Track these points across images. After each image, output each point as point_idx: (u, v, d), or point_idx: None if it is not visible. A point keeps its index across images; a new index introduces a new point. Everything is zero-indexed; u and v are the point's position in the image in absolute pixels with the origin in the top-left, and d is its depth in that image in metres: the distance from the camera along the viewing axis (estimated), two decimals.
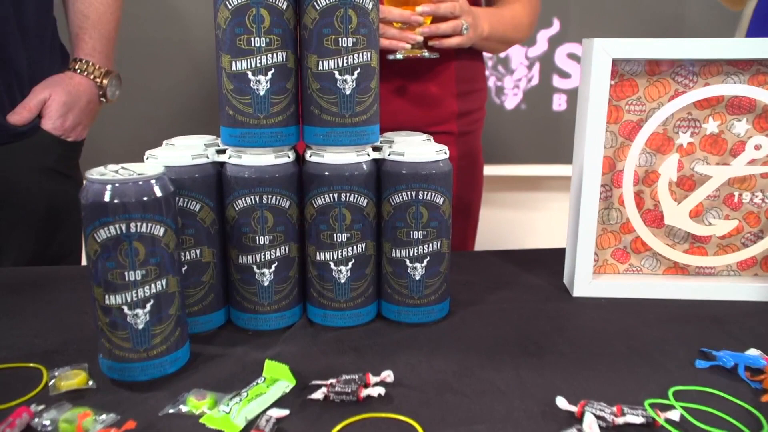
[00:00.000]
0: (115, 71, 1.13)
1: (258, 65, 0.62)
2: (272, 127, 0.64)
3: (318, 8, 0.62)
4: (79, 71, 1.08)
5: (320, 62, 0.63)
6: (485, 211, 1.37)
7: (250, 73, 0.62)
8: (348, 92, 0.63)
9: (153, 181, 0.56)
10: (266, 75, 0.62)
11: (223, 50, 0.62)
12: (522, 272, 0.88)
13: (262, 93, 0.63)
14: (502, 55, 2.37)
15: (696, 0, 2.14)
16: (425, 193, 0.66)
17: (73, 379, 0.57)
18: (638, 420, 0.52)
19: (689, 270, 0.82)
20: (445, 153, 0.68)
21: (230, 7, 0.61)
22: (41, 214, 1.07)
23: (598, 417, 0.52)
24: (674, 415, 0.52)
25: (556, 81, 2.36)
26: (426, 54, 1.01)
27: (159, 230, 0.56)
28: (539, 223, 2.19)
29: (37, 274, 0.89)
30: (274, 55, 0.62)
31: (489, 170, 1.55)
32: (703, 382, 0.59)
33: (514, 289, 0.82)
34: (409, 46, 0.99)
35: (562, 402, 0.54)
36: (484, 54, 1.28)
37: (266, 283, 0.67)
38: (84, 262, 0.92)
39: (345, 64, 0.63)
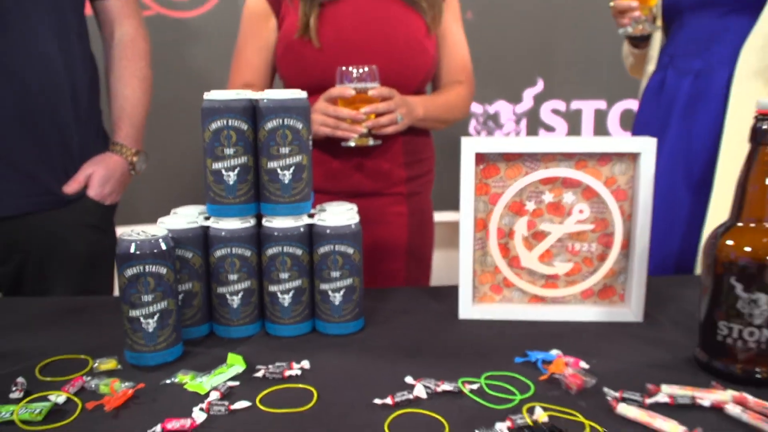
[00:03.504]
0: (143, 150, 1.51)
1: (229, 165, 0.97)
2: (238, 204, 0.99)
3: (266, 129, 0.97)
4: (115, 152, 1.45)
5: (268, 163, 0.98)
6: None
7: (223, 171, 0.97)
8: (286, 182, 0.98)
9: (160, 239, 0.91)
10: (234, 171, 0.97)
11: (206, 155, 0.98)
12: (432, 302, 1.20)
13: (231, 183, 0.98)
14: (491, 111, 2.72)
15: None
16: (340, 246, 1.00)
17: (108, 363, 0.91)
18: (451, 388, 0.84)
19: (546, 299, 1.14)
20: (354, 218, 1.01)
21: (211, 130, 0.96)
22: (84, 259, 1.44)
23: (425, 386, 0.84)
24: (475, 386, 0.84)
25: (542, 134, 2.69)
26: (371, 142, 1.36)
27: (163, 270, 0.90)
28: None
29: (81, 301, 1.24)
30: (239, 158, 0.97)
31: None
32: (512, 370, 0.91)
33: (418, 314, 1.14)
34: (357, 135, 1.34)
35: (408, 378, 0.86)
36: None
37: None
38: (116, 294, 1.27)
39: (284, 164, 0.98)
